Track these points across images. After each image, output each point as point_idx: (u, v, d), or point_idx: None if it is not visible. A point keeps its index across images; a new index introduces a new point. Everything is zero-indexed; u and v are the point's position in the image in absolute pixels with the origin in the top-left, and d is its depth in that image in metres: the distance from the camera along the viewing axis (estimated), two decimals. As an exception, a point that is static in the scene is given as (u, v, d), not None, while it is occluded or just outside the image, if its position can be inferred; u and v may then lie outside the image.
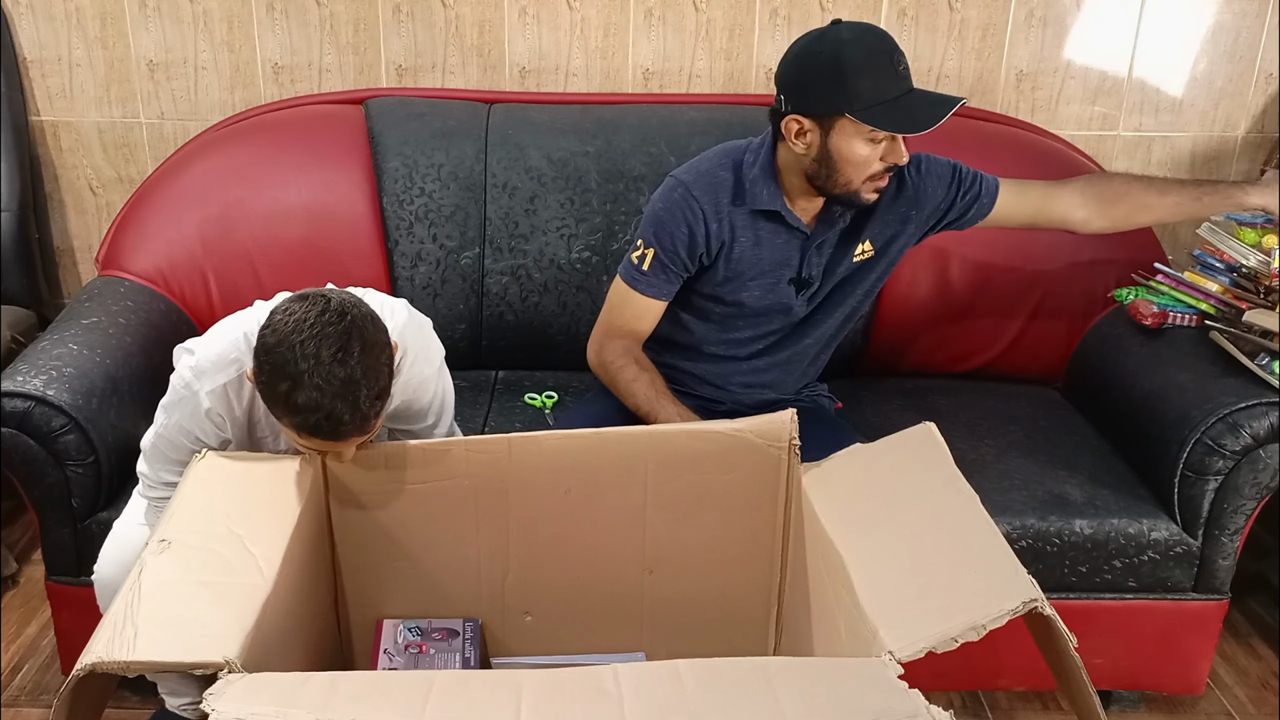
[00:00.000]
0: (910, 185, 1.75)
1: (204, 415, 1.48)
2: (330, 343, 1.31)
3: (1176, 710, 1.96)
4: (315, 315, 1.32)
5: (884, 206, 1.74)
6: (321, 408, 1.31)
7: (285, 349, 1.31)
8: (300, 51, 2.35)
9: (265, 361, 1.33)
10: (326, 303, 1.34)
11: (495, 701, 1.07)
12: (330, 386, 1.30)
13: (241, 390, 1.49)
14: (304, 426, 1.34)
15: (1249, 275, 1.86)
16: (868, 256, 1.78)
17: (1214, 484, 1.75)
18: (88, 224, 2.52)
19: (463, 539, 1.56)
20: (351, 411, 1.33)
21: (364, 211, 2.17)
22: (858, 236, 1.76)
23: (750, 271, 1.75)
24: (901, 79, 1.58)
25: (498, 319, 2.20)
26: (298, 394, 1.31)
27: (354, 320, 1.33)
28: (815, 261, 1.76)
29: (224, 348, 1.48)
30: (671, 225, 1.71)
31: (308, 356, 1.30)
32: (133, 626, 1.13)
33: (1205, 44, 2.35)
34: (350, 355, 1.31)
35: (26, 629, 2.10)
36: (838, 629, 1.31)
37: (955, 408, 2.07)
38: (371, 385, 1.34)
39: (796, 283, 1.77)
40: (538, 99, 2.32)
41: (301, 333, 1.31)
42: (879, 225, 1.76)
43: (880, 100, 1.56)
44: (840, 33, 1.59)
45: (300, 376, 1.30)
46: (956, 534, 1.30)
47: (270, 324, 1.34)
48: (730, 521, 1.57)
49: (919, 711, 1.03)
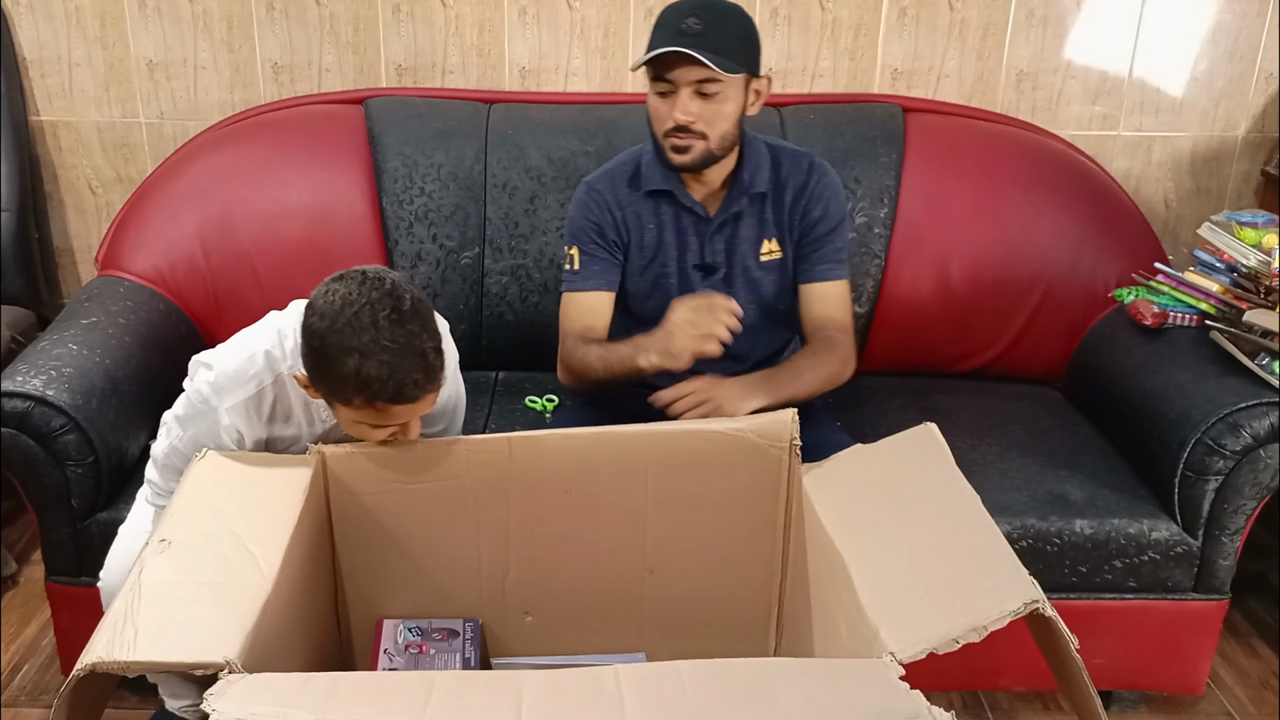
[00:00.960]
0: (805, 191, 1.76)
1: (222, 431, 1.48)
2: (384, 306, 1.32)
3: (1176, 710, 1.96)
4: (358, 287, 1.34)
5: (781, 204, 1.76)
6: (395, 370, 1.32)
7: (343, 324, 1.32)
8: (300, 51, 2.35)
9: (323, 345, 1.33)
10: (363, 275, 1.36)
11: (495, 702, 1.07)
12: (396, 346, 1.32)
13: (261, 406, 1.49)
14: (381, 395, 1.34)
15: (1249, 275, 1.86)
16: (775, 257, 1.79)
17: (1214, 484, 1.75)
18: (88, 224, 2.52)
19: (463, 539, 1.56)
20: (423, 368, 1.34)
21: (364, 211, 2.17)
22: (761, 231, 1.77)
23: (659, 257, 1.78)
24: (679, 33, 1.60)
25: (498, 319, 2.20)
26: (367, 364, 1.31)
27: (395, 282, 1.36)
28: (718, 246, 1.78)
29: (243, 364, 1.48)
30: (581, 220, 1.78)
31: (366, 327, 1.31)
32: (133, 626, 1.13)
33: (1205, 44, 2.35)
34: (404, 315, 1.33)
35: (26, 629, 2.10)
36: (838, 629, 1.31)
37: (956, 407, 2.07)
38: (433, 338, 1.36)
39: (701, 268, 1.79)
40: (538, 99, 2.32)
41: (352, 306, 1.32)
42: (776, 224, 1.77)
43: (651, 48, 1.62)
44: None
45: (366, 347, 1.31)
46: (957, 534, 1.30)
47: (315, 310, 1.35)
48: (731, 521, 1.57)
49: (920, 712, 1.03)
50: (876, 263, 2.17)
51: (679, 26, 1.61)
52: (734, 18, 1.67)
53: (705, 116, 1.65)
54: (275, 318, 1.55)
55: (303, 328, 1.37)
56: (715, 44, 1.60)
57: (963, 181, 2.20)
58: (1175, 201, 2.48)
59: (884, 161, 2.18)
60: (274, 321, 1.54)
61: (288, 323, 1.51)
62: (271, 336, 1.50)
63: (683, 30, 1.60)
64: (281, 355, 1.49)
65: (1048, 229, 2.17)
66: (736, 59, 1.63)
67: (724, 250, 1.78)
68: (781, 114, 2.24)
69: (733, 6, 1.69)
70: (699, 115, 1.65)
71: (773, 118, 2.22)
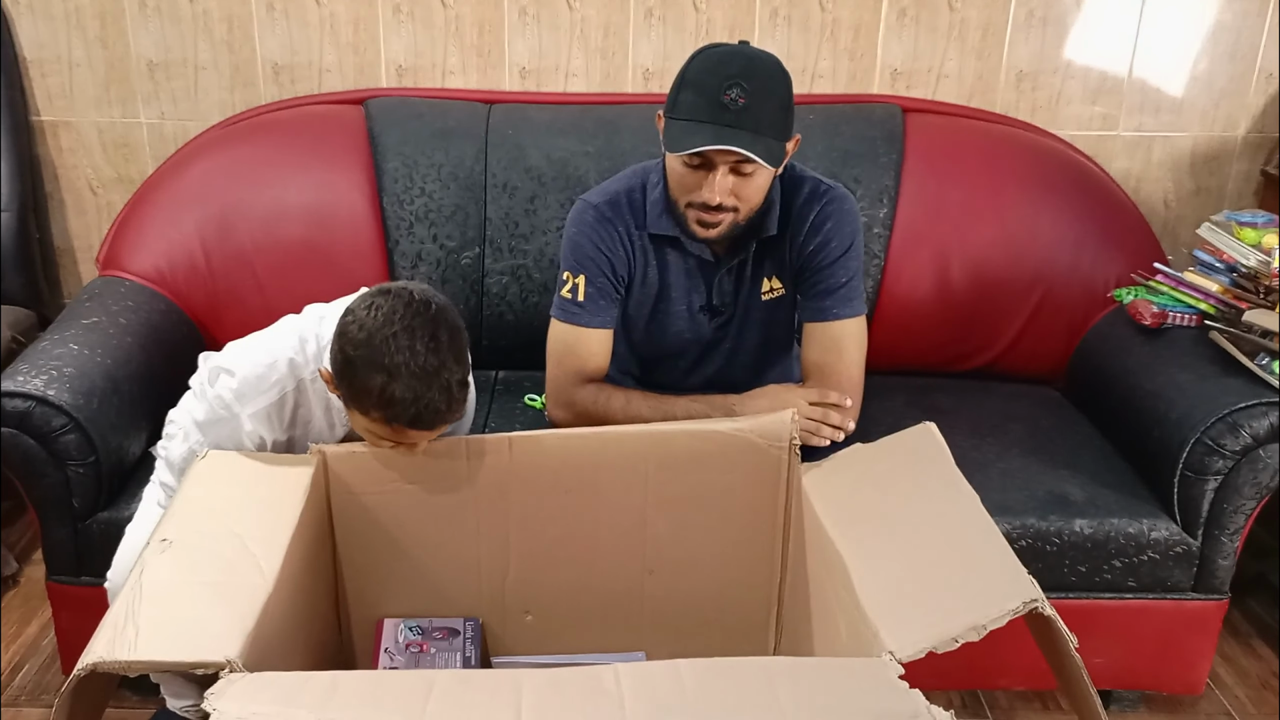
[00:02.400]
0: (805, 224, 1.66)
1: (245, 437, 1.49)
2: (422, 334, 1.33)
3: (1176, 710, 1.96)
4: (403, 307, 1.35)
5: (783, 240, 1.67)
6: (421, 398, 1.34)
7: (379, 342, 1.33)
8: (300, 51, 2.35)
9: (355, 357, 1.35)
10: (410, 295, 1.36)
11: (495, 701, 1.07)
12: (426, 374, 1.33)
13: (283, 412, 1.51)
14: (400, 418, 1.36)
15: (1249, 275, 1.86)
16: (779, 294, 1.72)
17: (1214, 484, 1.75)
18: (88, 224, 2.52)
19: (463, 538, 1.56)
20: (447, 400, 1.36)
21: (364, 211, 2.17)
22: (762, 271, 1.70)
23: (664, 294, 1.71)
24: (722, 108, 1.47)
25: (498, 319, 2.20)
26: (394, 386, 1.33)
27: (439, 309, 1.37)
28: (725, 288, 1.71)
29: (265, 370, 1.49)
30: (590, 248, 1.66)
31: (402, 349, 1.32)
32: (134, 626, 1.13)
33: (1205, 44, 2.35)
34: (440, 345, 1.34)
35: (27, 629, 2.10)
36: (838, 629, 1.31)
37: (956, 407, 2.07)
38: (461, 370, 1.38)
39: (708, 310, 1.73)
40: (538, 99, 2.32)
41: (393, 325, 1.33)
42: (777, 263, 1.69)
43: (689, 116, 1.50)
44: (716, 47, 1.55)
45: (397, 369, 1.32)
46: (957, 533, 1.30)
47: (355, 319, 1.36)
48: (730, 521, 1.57)
49: (919, 712, 1.03)
50: (876, 263, 2.18)
51: (720, 99, 1.47)
52: (776, 81, 1.53)
53: (741, 194, 1.55)
54: (295, 323, 1.56)
55: (338, 330, 1.38)
56: (759, 122, 1.49)
57: (962, 181, 2.20)
58: (1175, 201, 2.48)
59: (883, 161, 2.18)
60: (295, 327, 1.54)
61: (309, 328, 1.53)
62: (293, 343, 1.51)
63: (725, 105, 1.47)
64: (304, 361, 1.50)
65: (1048, 229, 2.17)
66: (779, 132, 1.52)
67: (732, 291, 1.72)
68: (781, 114, 2.24)
69: (774, 66, 1.54)
70: (734, 192, 1.54)
71: (773, 118, 2.22)
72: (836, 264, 1.65)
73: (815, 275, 1.66)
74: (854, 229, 1.67)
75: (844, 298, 1.66)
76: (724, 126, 1.48)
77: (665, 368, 1.81)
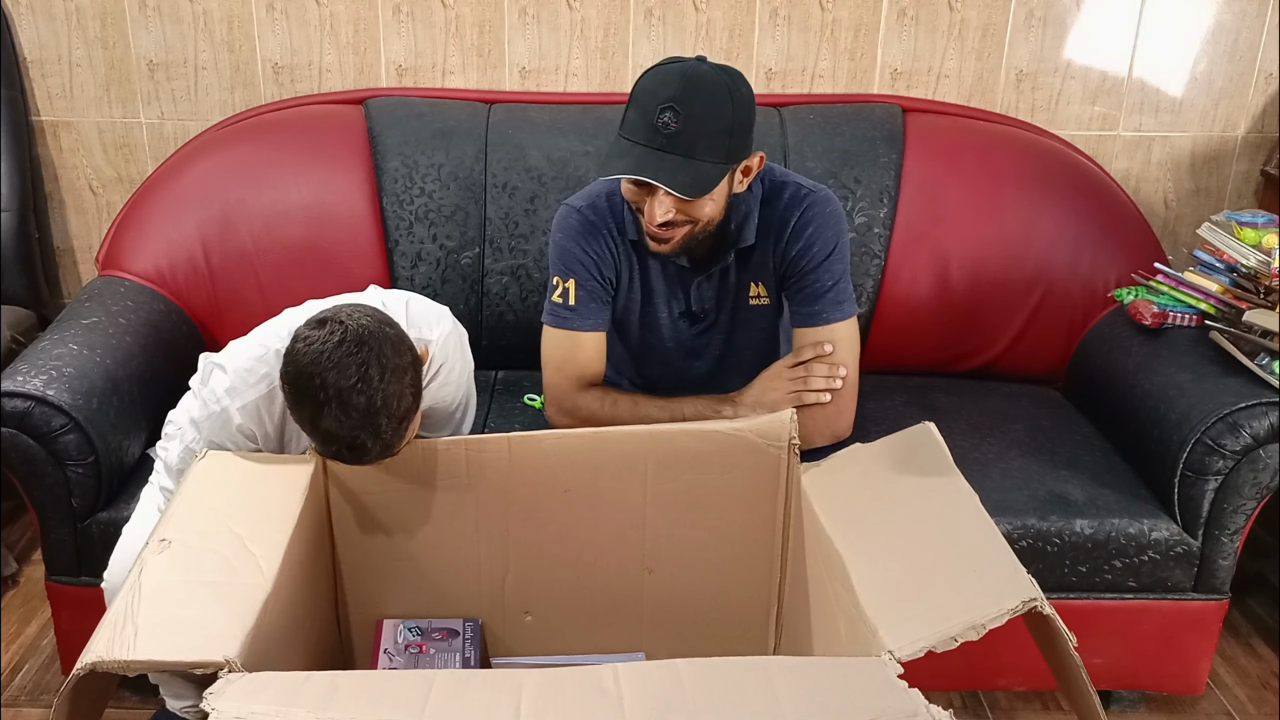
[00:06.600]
0: (788, 229, 1.64)
1: (235, 430, 1.48)
2: (349, 373, 1.29)
3: (1176, 710, 1.96)
4: (334, 344, 1.30)
5: (765, 247, 1.66)
6: (343, 438, 1.32)
7: (305, 380, 1.31)
8: (300, 51, 2.35)
9: (288, 390, 1.35)
10: (344, 330, 1.31)
11: (495, 701, 1.07)
12: (350, 419, 1.31)
13: (272, 405, 1.49)
14: (327, 454, 1.39)
15: (1249, 275, 1.86)
16: (764, 302, 1.71)
17: (1214, 484, 1.75)
18: (88, 224, 2.52)
19: (463, 539, 1.56)
20: (374, 439, 1.33)
21: (364, 211, 2.17)
22: (746, 277, 1.68)
23: (647, 299, 1.71)
24: (654, 131, 1.44)
25: (498, 319, 2.20)
26: (320, 422, 1.32)
27: (372, 348, 1.31)
28: (706, 294, 1.70)
29: (254, 364, 1.49)
30: (578, 251, 1.65)
31: (327, 387, 1.29)
32: (133, 626, 1.13)
33: (1205, 44, 2.35)
34: (370, 384, 1.30)
35: (26, 629, 2.10)
36: (837, 628, 1.31)
37: (956, 407, 2.07)
38: (393, 411, 1.33)
39: (688, 316, 1.73)
40: (538, 99, 2.32)
41: (319, 364, 1.30)
42: (760, 270, 1.68)
43: (628, 136, 1.47)
44: (665, 65, 1.50)
45: (321, 408, 1.30)
46: (956, 533, 1.30)
47: (291, 352, 1.34)
48: (730, 521, 1.57)
49: (919, 711, 1.03)
50: (876, 263, 2.18)
51: (654, 122, 1.43)
52: (717, 104, 1.45)
53: (688, 212, 1.51)
54: (292, 317, 1.55)
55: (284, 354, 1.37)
56: (693, 147, 1.44)
57: (962, 181, 2.20)
58: (1175, 201, 2.48)
59: (883, 162, 2.18)
60: (290, 322, 1.54)
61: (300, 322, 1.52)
62: (283, 336, 1.50)
63: (657, 129, 1.43)
64: None
65: (1048, 229, 2.17)
66: (718, 156, 1.46)
67: (713, 297, 1.71)
68: (781, 114, 2.24)
69: (718, 88, 1.46)
70: (680, 210, 1.50)
71: (772, 118, 2.22)
72: (821, 268, 1.63)
73: (801, 280, 1.65)
74: (838, 231, 1.64)
75: (833, 301, 1.64)
76: (653, 150, 1.45)
77: (660, 370, 1.81)
